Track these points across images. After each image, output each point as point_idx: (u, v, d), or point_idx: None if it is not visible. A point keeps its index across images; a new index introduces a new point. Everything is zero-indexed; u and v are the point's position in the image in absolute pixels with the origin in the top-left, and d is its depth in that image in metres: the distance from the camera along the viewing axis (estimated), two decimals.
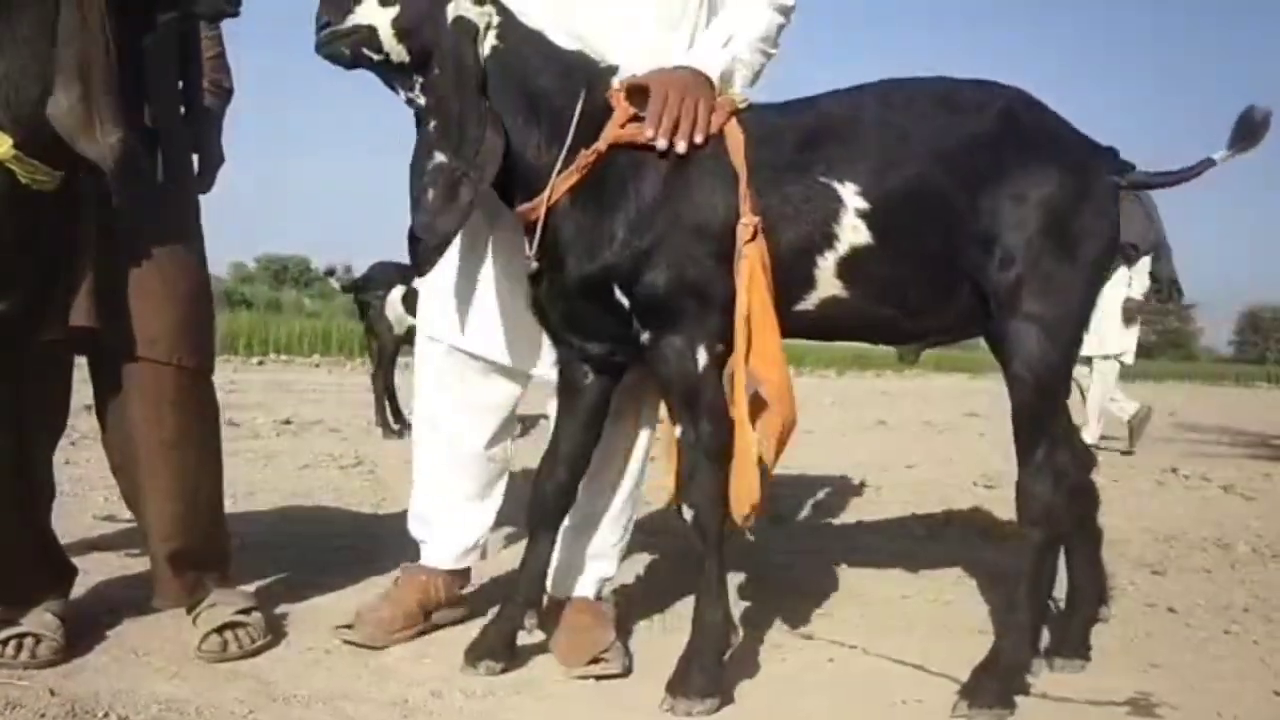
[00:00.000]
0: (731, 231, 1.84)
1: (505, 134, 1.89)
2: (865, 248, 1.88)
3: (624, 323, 1.93)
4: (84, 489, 3.79)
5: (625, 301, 1.91)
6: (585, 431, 2.10)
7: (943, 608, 2.70)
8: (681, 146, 1.87)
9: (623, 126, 1.90)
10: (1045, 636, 2.23)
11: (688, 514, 1.94)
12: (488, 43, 1.92)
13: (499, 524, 3.32)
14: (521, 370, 2.27)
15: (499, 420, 2.32)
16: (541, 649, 2.21)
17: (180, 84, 2.29)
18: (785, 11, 2.16)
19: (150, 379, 2.06)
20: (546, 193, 1.91)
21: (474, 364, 2.26)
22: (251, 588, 2.49)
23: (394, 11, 1.89)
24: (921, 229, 1.89)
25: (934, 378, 22.45)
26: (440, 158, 1.86)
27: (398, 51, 1.92)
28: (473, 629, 2.36)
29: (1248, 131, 1.94)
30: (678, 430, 1.93)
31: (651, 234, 1.87)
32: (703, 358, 1.89)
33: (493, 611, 2.49)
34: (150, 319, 2.03)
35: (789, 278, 1.89)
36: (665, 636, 2.34)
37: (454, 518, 2.35)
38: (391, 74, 1.97)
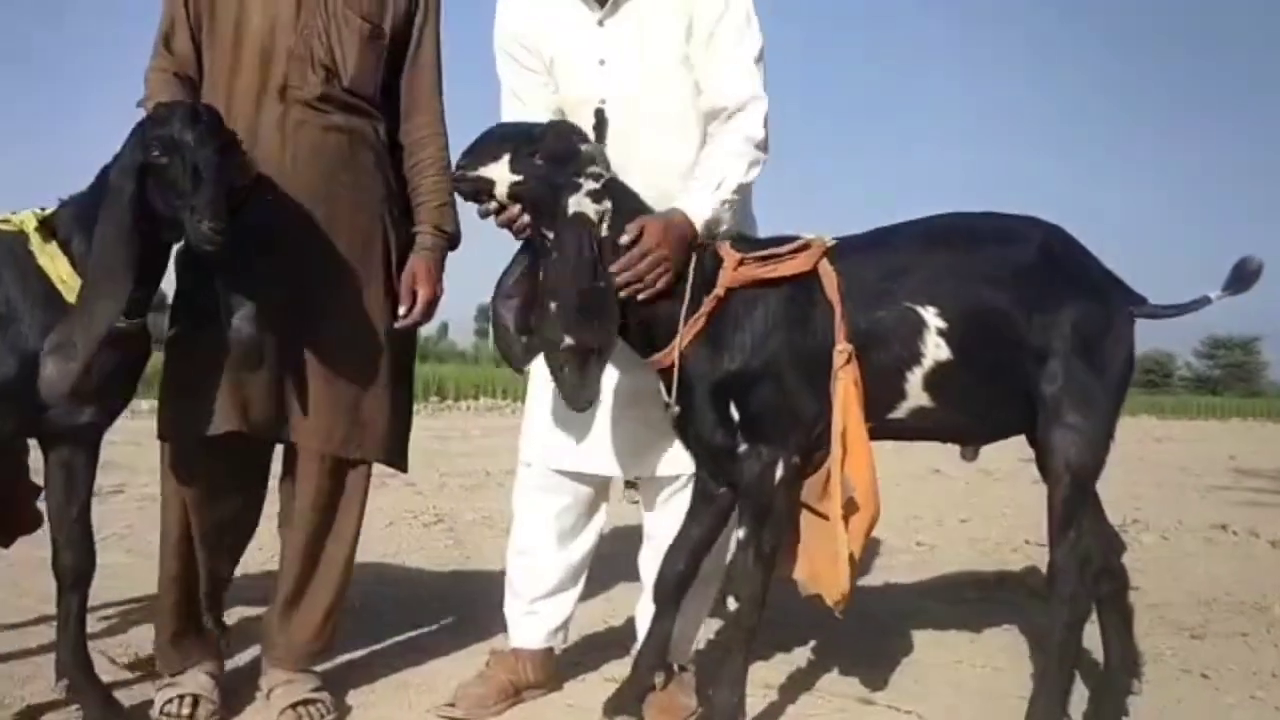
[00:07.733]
0: (828, 357, 2.13)
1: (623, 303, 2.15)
2: (947, 362, 2.17)
3: (731, 434, 2.20)
4: None
5: (736, 415, 2.19)
6: (710, 531, 2.35)
7: (993, 674, 2.90)
8: (641, 296, 2.12)
9: (735, 270, 2.18)
10: (1083, 707, 2.44)
11: (731, 605, 2.24)
12: (603, 228, 2.16)
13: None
14: (606, 478, 2.55)
15: (587, 529, 2.61)
16: None
17: None
18: (761, 155, 2.35)
19: (317, 471, 2.38)
20: (678, 339, 2.18)
21: (563, 483, 2.54)
22: (361, 653, 2.80)
23: (516, 179, 2.16)
24: (991, 345, 2.18)
25: None
26: (569, 340, 2.09)
27: (508, 201, 2.21)
28: (546, 705, 2.62)
29: (1240, 277, 2.24)
30: (740, 532, 2.20)
31: (763, 357, 2.16)
32: (781, 471, 2.17)
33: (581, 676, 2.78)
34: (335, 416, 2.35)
35: (883, 392, 2.16)
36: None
37: (544, 602, 2.61)
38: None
